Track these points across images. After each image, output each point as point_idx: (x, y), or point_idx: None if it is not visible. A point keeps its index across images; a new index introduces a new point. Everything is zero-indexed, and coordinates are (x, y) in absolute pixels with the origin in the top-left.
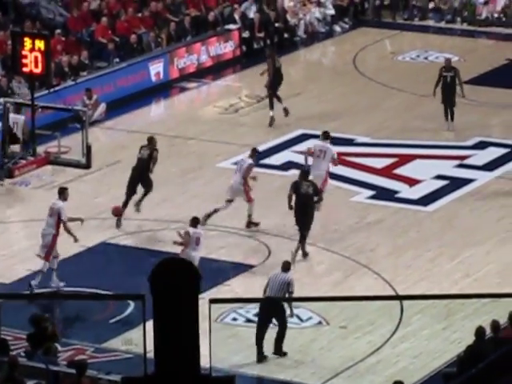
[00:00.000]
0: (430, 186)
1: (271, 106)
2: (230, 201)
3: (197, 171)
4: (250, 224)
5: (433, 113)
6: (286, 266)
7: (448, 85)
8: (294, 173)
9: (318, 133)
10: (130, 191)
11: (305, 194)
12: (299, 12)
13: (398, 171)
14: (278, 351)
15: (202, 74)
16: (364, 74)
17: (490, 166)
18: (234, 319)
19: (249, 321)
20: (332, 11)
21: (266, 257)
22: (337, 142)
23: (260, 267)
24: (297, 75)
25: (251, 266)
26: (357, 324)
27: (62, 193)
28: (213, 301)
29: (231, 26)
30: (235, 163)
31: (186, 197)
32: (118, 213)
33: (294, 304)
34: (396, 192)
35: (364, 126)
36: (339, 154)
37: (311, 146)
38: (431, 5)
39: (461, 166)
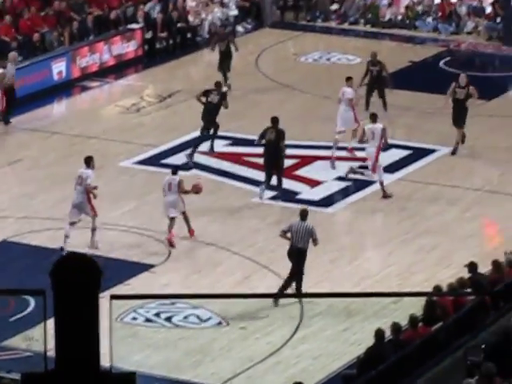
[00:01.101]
0: (330, 187)
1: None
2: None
3: (98, 170)
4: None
5: (335, 114)
6: (304, 214)
7: (374, 78)
8: (195, 173)
9: (220, 134)
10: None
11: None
12: (202, 12)
13: (299, 172)
14: (276, 301)
15: (105, 73)
16: (266, 75)
17: (391, 168)
18: (134, 318)
19: (148, 320)
20: (235, 12)
21: (165, 257)
22: (239, 142)
23: (160, 267)
24: (199, 76)
25: (151, 266)
26: (257, 325)
27: (89, 161)
28: (114, 297)
29: (134, 26)
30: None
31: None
32: (198, 189)
33: (194, 304)
34: (297, 193)
35: (265, 126)
36: (240, 155)
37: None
38: (334, 6)
39: (362, 167)
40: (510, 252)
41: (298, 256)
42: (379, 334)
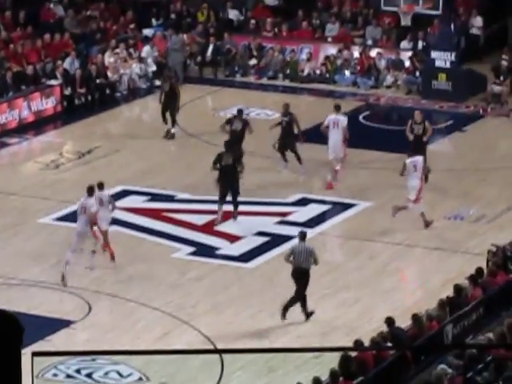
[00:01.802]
0: (251, 242)
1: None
2: None
3: (18, 227)
4: None
5: (252, 170)
6: (303, 236)
7: (284, 129)
8: (115, 229)
9: (139, 189)
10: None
11: (226, 165)
12: (120, 68)
13: (218, 228)
14: (285, 313)
15: (24, 129)
16: (185, 131)
17: (311, 223)
18: (55, 375)
19: (69, 376)
20: (153, 67)
21: (86, 313)
22: (157, 198)
23: (80, 323)
24: (117, 131)
25: (71, 322)
26: (178, 380)
27: (92, 191)
28: (36, 353)
29: (53, 82)
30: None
31: (7, 252)
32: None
33: (115, 360)
34: (217, 248)
35: (185, 181)
36: (160, 211)
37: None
38: (253, 61)
39: (282, 222)
40: (428, 309)
41: (301, 276)
42: None
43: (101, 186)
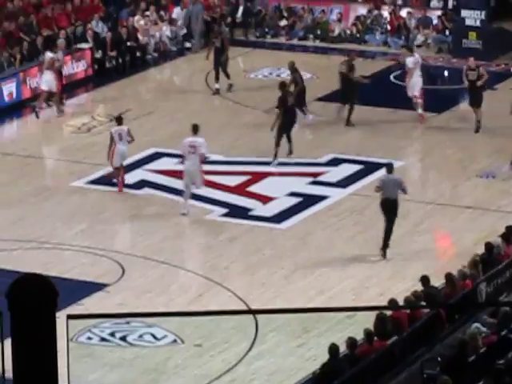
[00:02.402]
0: (283, 203)
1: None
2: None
3: (51, 190)
4: None
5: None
6: (390, 167)
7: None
8: (148, 191)
9: (171, 151)
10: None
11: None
12: (151, 31)
13: (251, 189)
14: (385, 250)
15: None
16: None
17: (343, 183)
18: (89, 338)
19: (103, 340)
20: (184, 30)
21: (119, 276)
22: None
23: (114, 286)
24: (149, 94)
25: (105, 285)
26: (211, 342)
27: (197, 129)
28: (70, 317)
29: (83, 45)
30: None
31: (41, 216)
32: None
33: (149, 322)
34: (249, 210)
35: (217, 143)
36: None
37: None
38: (283, 22)
39: (314, 182)
40: (464, 266)
41: (391, 207)
42: (333, 349)
43: (120, 122)
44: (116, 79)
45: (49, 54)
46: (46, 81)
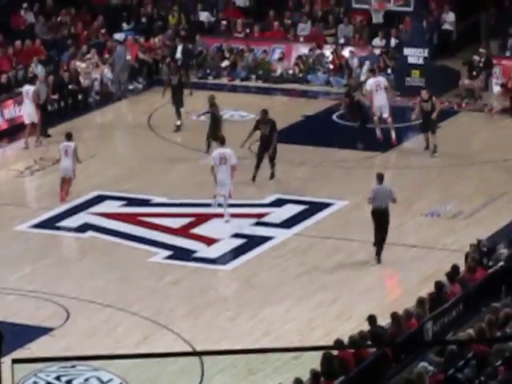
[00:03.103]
0: (227, 244)
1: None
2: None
3: None
4: None
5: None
6: (381, 177)
7: (265, 137)
8: (91, 234)
9: (114, 194)
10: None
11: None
12: (92, 73)
13: (195, 230)
14: (379, 256)
15: None
16: (159, 134)
17: (287, 223)
18: (35, 383)
19: None
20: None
21: (64, 320)
22: (133, 202)
23: (59, 330)
24: (91, 137)
25: (50, 329)
26: None
27: (224, 140)
28: (16, 361)
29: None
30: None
31: None
32: None
33: (95, 366)
34: (194, 251)
35: (161, 185)
36: (135, 215)
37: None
38: (225, 63)
39: (258, 223)
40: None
41: (383, 215)
42: None
43: (69, 137)
44: (59, 122)
45: (29, 88)
46: (28, 113)
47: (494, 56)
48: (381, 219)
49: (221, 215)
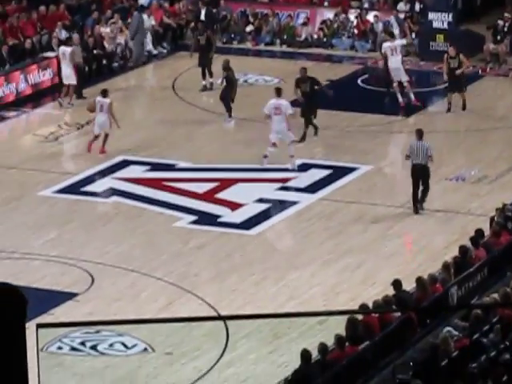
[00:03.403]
0: (252, 209)
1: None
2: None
3: (18, 200)
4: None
5: (253, 137)
6: (421, 133)
7: (307, 94)
8: (115, 200)
9: (139, 159)
10: None
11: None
12: (117, 38)
13: (219, 195)
14: (422, 204)
15: (22, 102)
16: (183, 99)
17: (312, 188)
18: (60, 348)
19: (74, 349)
20: (149, 36)
21: (89, 285)
22: (157, 167)
23: (83, 295)
24: (116, 101)
25: (74, 295)
26: (182, 350)
27: (280, 92)
28: (40, 326)
29: (49, 54)
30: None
31: (8, 226)
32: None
33: (119, 331)
34: (218, 216)
35: (185, 151)
36: (160, 180)
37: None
38: (249, 28)
39: (283, 188)
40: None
41: (422, 172)
42: (305, 355)
43: (105, 94)
44: (83, 87)
45: (66, 49)
46: (66, 75)
47: None
48: (420, 177)
49: (248, 180)
